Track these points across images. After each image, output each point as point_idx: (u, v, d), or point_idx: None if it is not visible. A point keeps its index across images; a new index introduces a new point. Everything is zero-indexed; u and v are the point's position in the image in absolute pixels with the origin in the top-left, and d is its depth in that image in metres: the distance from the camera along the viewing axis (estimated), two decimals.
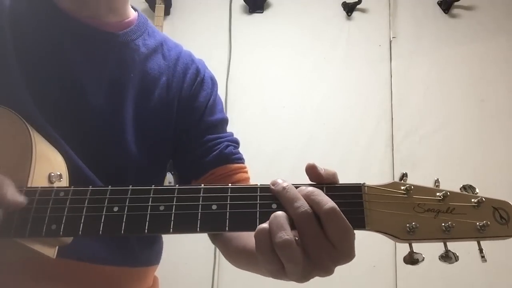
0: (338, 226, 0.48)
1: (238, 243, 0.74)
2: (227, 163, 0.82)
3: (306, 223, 0.48)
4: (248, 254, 0.70)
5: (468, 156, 2.29)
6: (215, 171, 0.81)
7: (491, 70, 2.41)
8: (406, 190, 0.50)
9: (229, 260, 0.80)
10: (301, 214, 0.48)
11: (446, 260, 0.48)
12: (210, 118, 0.85)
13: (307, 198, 0.50)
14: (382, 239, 0.63)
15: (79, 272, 0.69)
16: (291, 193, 0.50)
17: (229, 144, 0.85)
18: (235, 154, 0.85)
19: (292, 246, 0.47)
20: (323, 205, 0.48)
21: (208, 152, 0.82)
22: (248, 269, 0.78)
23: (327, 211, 0.48)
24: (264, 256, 0.48)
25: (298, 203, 0.49)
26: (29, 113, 0.66)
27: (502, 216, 0.48)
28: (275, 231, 0.48)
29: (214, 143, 0.83)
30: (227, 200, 0.53)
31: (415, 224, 0.48)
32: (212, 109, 0.87)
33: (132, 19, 0.82)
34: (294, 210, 0.49)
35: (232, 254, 0.77)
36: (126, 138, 0.76)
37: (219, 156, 0.82)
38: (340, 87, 2.47)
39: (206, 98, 0.86)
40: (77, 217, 0.53)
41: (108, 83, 0.75)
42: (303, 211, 0.48)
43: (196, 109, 0.84)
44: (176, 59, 0.85)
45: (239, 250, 0.73)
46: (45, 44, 0.73)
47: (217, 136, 0.84)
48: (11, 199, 0.52)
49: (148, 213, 0.52)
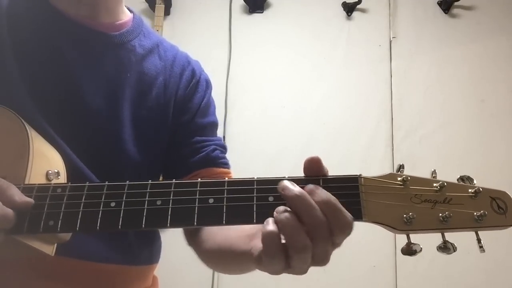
0: (346, 234, 0.49)
1: (214, 243, 0.74)
2: (212, 166, 0.83)
3: (321, 231, 0.48)
4: (226, 254, 0.69)
5: (468, 156, 2.29)
6: (199, 173, 0.82)
7: (491, 70, 2.41)
8: (403, 181, 0.50)
9: (205, 261, 0.80)
10: (318, 224, 0.48)
11: (444, 250, 0.47)
12: (201, 120, 0.86)
13: (323, 206, 0.49)
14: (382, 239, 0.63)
15: (79, 270, 0.69)
16: (307, 201, 0.49)
17: (217, 148, 0.85)
18: (221, 159, 0.85)
19: (309, 249, 0.48)
20: (341, 218, 0.48)
21: (194, 153, 0.83)
22: (224, 269, 0.79)
23: (342, 226, 0.48)
24: (273, 258, 0.48)
25: (315, 212, 0.48)
26: (27, 112, 0.67)
27: (500, 206, 0.48)
28: (292, 235, 0.48)
29: (202, 145, 0.84)
30: (223, 193, 0.53)
31: (412, 214, 0.48)
32: (204, 111, 0.87)
33: (127, 20, 0.83)
34: (311, 219, 0.48)
35: (208, 254, 0.77)
36: (124, 137, 0.76)
37: (205, 158, 0.83)
38: (340, 87, 2.47)
39: (200, 99, 0.87)
40: (75, 212, 0.53)
41: (105, 83, 0.76)
42: (320, 221, 0.48)
43: (189, 110, 0.85)
44: (173, 60, 0.86)
45: (214, 250, 0.73)
46: (42, 44, 0.73)
47: (206, 138, 0.85)
48: (20, 201, 0.53)
49: (145, 208, 0.52)
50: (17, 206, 0.53)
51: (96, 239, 0.71)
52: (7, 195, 0.53)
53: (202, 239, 0.78)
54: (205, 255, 0.78)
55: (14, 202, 0.52)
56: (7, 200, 0.52)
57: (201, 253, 0.79)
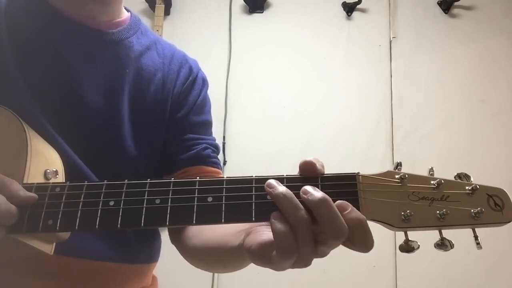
0: (338, 240, 0.49)
1: (201, 240, 0.74)
2: (202, 164, 0.82)
3: (303, 232, 0.48)
4: (214, 250, 0.69)
5: (468, 156, 2.29)
6: (189, 170, 0.81)
7: (491, 70, 2.42)
8: (401, 178, 0.50)
9: (190, 257, 0.79)
10: (300, 224, 0.48)
11: (441, 248, 0.48)
12: (195, 118, 0.86)
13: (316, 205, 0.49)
14: (382, 239, 0.63)
15: (78, 269, 0.69)
16: (290, 200, 0.49)
17: (208, 147, 0.85)
18: (212, 158, 0.85)
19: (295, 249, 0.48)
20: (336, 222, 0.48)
21: (185, 150, 0.82)
22: (209, 265, 0.79)
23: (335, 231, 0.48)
24: (288, 255, 0.48)
25: (298, 212, 0.48)
26: (27, 111, 0.67)
27: (497, 203, 0.48)
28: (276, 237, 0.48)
29: (194, 142, 0.83)
30: (222, 192, 0.53)
31: (409, 212, 0.48)
32: (199, 109, 0.87)
33: (125, 19, 0.84)
34: (294, 219, 0.48)
35: (195, 251, 0.76)
36: (123, 134, 0.76)
37: (195, 156, 0.82)
38: (340, 87, 2.47)
39: (196, 97, 0.87)
40: (74, 211, 0.53)
41: (104, 80, 0.76)
42: (304, 222, 0.48)
43: (184, 107, 0.85)
44: (171, 57, 0.87)
45: (201, 247, 0.73)
46: (41, 43, 0.73)
47: (198, 136, 0.85)
48: (25, 195, 0.53)
49: (144, 207, 0.52)
50: (22, 201, 0.53)
51: (95, 238, 0.71)
52: (12, 191, 0.53)
53: (188, 236, 0.78)
54: (191, 251, 0.78)
55: (18, 197, 0.52)
56: (12, 195, 0.52)
57: (187, 250, 0.79)
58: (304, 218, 0.48)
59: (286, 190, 0.49)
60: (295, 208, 0.48)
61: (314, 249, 0.48)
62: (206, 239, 0.72)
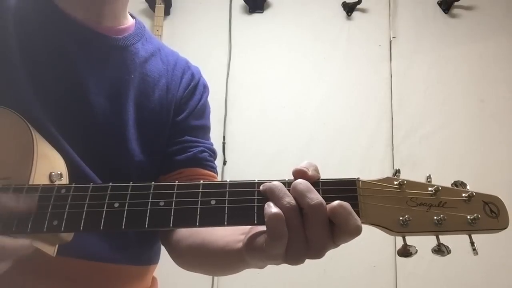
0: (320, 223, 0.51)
1: (196, 240, 0.74)
2: (198, 166, 0.83)
3: (293, 220, 0.50)
4: (210, 249, 0.70)
5: (468, 156, 2.29)
6: (184, 171, 0.82)
7: (491, 70, 2.42)
8: (399, 184, 0.52)
9: (181, 258, 0.80)
10: (289, 210, 0.50)
11: (438, 253, 0.49)
12: (195, 121, 0.87)
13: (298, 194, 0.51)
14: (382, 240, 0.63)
15: (79, 269, 0.70)
16: (279, 188, 0.52)
17: (205, 151, 0.85)
18: (209, 162, 0.85)
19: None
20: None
21: (182, 151, 0.83)
22: (202, 265, 0.79)
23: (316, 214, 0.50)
24: (278, 236, 0.50)
25: (286, 198, 0.51)
26: (33, 113, 0.67)
27: (492, 210, 0.49)
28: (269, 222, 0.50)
29: (191, 144, 0.84)
30: (225, 195, 0.54)
31: (408, 217, 0.49)
32: (199, 113, 0.88)
33: (130, 25, 0.85)
34: (283, 206, 0.51)
35: (189, 251, 0.77)
36: (128, 138, 0.77)
37: (192, 158, 0.83)
38: (340, 87, 2.48)
39: (196, 102, 0.88)
40: (79, 213, 0.54)
41: (109, 84, 0.77)
42: (291, 204, 0.51)
43: (185, 111, 0.86)
44: (174, 64, 0.88)
45: (196, 246, 0.74)
46: (48, 46, 0.74)
47: (196, 139, 0.86)
48: (25, 205, 0.54)
49: (148, 209, 0.53)
50: (22, 212, 0.53)
51: (96, 239, 0.72)
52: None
53: (182, 235, 0.78)
54: (184, 252, 0.78)
55: (18, 209, 0.53)
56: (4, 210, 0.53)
57: (179, 250, 0.79)
58: (291, 204, 0.50)
59: (277, 182, 0.53)
60: (284, 194, 0.51)
61: (304, 236, 0.50)
62: (203, 239, 0.72)
